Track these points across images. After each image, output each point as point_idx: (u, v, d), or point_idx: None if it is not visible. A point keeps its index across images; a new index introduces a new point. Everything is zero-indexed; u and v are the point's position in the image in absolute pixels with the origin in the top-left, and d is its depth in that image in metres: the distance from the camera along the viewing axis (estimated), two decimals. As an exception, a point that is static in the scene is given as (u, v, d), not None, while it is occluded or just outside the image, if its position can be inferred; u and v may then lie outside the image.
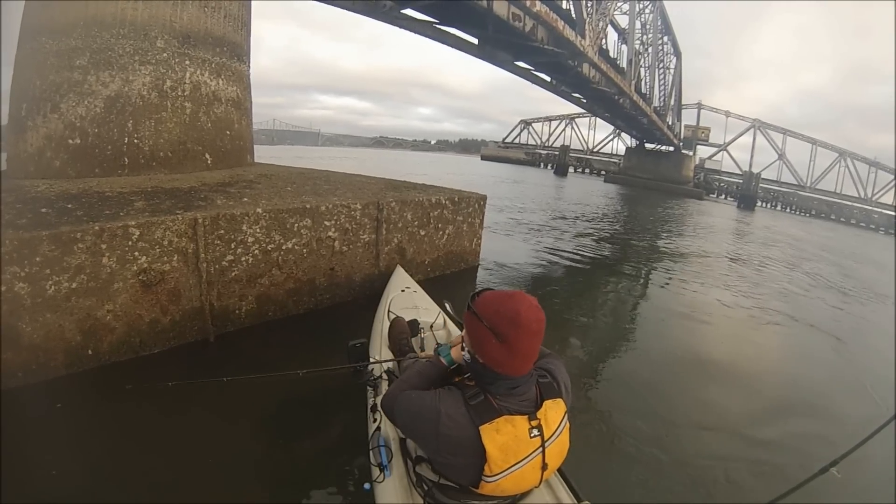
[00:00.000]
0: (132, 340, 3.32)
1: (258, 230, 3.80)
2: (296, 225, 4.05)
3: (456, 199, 5.86)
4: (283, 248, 4.01)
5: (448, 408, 1.45)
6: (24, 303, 2.84)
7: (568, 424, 1.57)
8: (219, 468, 2.50)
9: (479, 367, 1.50)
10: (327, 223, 4.30)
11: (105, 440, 2.58)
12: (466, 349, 1.54)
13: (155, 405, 2.90)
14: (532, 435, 1.45)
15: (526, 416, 1.46)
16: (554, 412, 1.52)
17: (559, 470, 1.77)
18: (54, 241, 2.87)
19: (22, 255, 2.77)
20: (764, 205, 43.33)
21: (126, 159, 4.64)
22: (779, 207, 44.37)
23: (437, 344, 1.82)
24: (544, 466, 1.51)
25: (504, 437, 1.41)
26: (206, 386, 3.03)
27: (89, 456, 2.46)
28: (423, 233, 5.42)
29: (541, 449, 1.48)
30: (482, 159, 64.71)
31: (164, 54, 4.77)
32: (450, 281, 5.80)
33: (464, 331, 1.57)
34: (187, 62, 4.94)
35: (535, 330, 1.43)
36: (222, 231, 3.59)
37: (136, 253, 3.21)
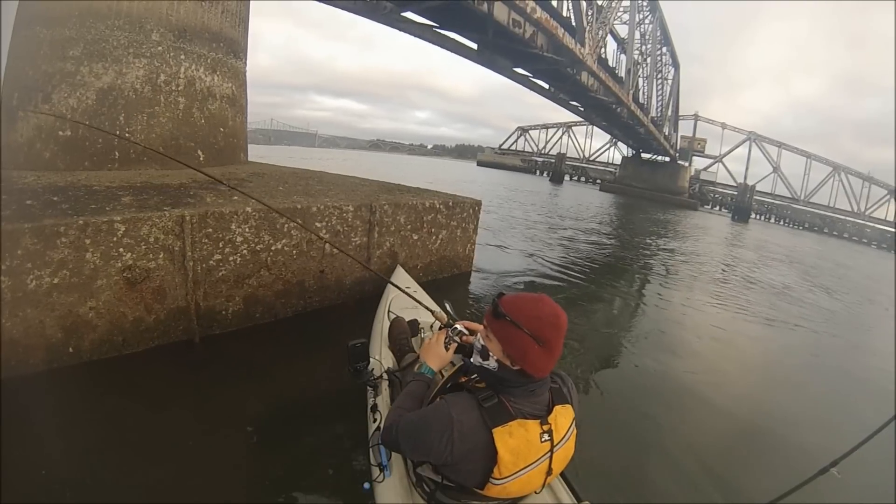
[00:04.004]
0: (115, 339, 3.24)
1: (247, 229, 3.73)
2: (286, 225, 3.99)
3: (450, 203, 5.81)
4: (273, 248, 3.93)
5: (460, 413, 1.43)
6: (5, 297, 2.76)
7: (575, 431, 1.58)
8: (215, 467, 2.46)
9: (510, 373, 1.47)
10: (318, 224, 4.23)
11: (92, 437, 2.52)
12: (494, 357, 1.49)
13: (148, 403, 2.87)
14: (543, 439, 1.46)
15: (538, 421, 1.46)
16: (563, 418, 1.53)
17: None
18: (37, 235, 2.80)
19: (3, 248, 2.70)
20: (758, 217, 43.68)
21: (117, 153, 4.57)
22: (773, 220, 44.73)
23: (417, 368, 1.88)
24: (549, 471, 1.52)
25: (516, 441, 1.41)
26: (201, 383, 3.09)
27: (76, 454, 2.40)
28: (415, 237, 5.36)
29: (549, 454, 1.48)
30: (478, 165, 65.03)
31: (159, 48, 4.71)
32: (443, 284, 5.75)
33: (490, 340, 1.52)
34: (182, 57, 4.88)
35: (565, 331, 1.48)
36: (210, 229, 3.52)
37: (121, 249, 3.13)
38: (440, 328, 2.16)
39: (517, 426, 1.42)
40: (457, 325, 2.01)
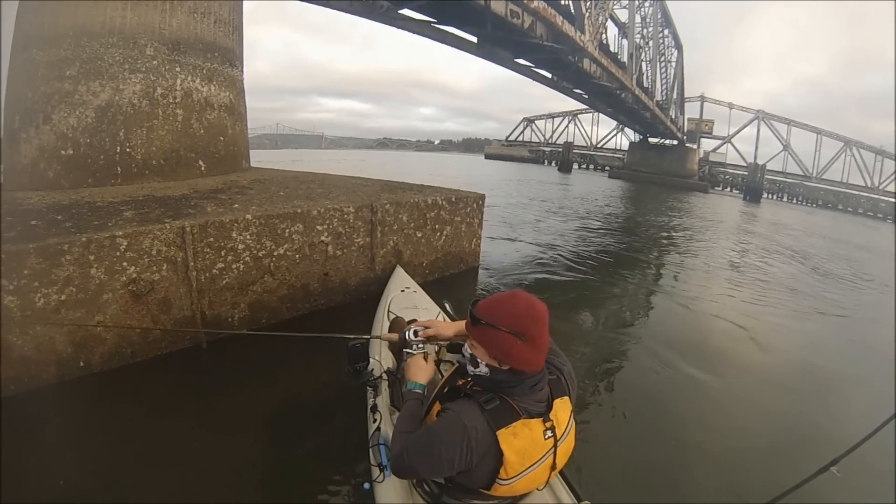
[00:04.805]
0: (123, 351, 3.30)
1: (248, 237, 3.77)
2: (287, 230, 4.02)
3: (453, 199, 5.80)
4: (275, 254, 3.98)
5: (470, 420, 1.41)
6: (14, 316, 2.83)
7: (574, 423, 1.59)
8: (217, 468, 2.51)
9: (503, 374, 1.47)
10: (319, 227, 4.27)
11: (104, 445, 2.59)
12: (483, 363, 1.50)
13: (152, 407, 2.94)
14: (546, 437, 1.46)
15: (541, 419, 1.46)
16: (563, 411, 1.53)
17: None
18: (41, 254, 2.86)
19: (10, 268, 2.76)
20: (770, 196, 43.02)
21: (119, 168, 4.64)
22: (785, 199, 44.04)
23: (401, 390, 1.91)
24: (553, 466, 1.53)
25: (521, 442, 1.41)
26: (207, 388, 3.17)
27: (89, 462, 2.48)
28: (419, 234, 5.37)
29: (553, 449, 1.49)
30: (486, 158, 64.64)
31: (154, 62, 4.77)
32: (449, 283, 5.76)
33: (475, 347, 1.52)
34: (178, 69, 4.94)
35: (546, 320, 1.47)
36: (211, 239, 3.57)
37: (125, 263, 3.19)
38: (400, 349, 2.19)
39: (521, 426, 1.42)
40: (407, 332, 2.05)
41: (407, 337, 2.03)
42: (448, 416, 1.47)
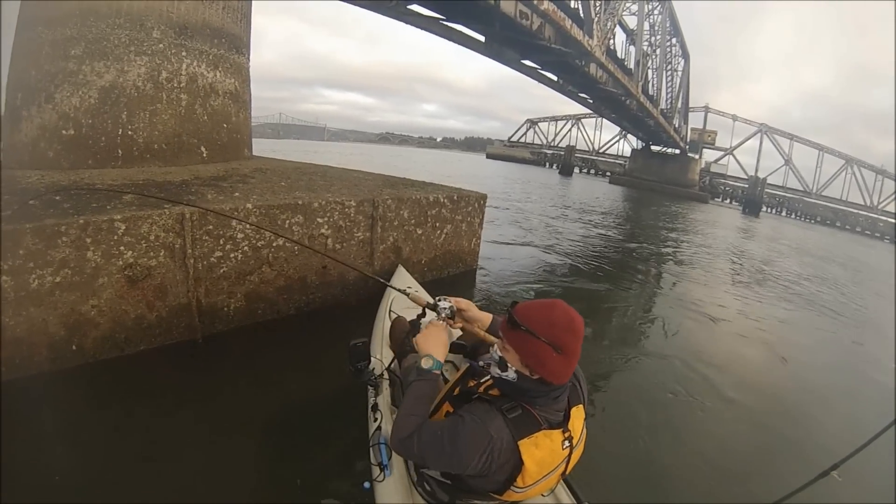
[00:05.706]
0: (117, 336, 3.26)
1: (248, 226, 3.73)
2: (287, 221, 3.99)
3: (455, 197, 5.77)
4: (274, 244, 3.94)
5: (497, 430, 1.38)
6: (8, 296, 2.79)
7: (586, 430, 1.58)
8: (217, 467, 2.48)
9: (530, 383, 1.44)
10: (320, 220, 4.23)
11: (99, 439, 2.56)
12: (513, 368, 1.46)
13: (146, 402, 2.91)
14: (564, 446, 1.46)
15: (560, 429, 1.45)
16: (578, 419, 1.52)
17: None
18: (38, 235, 2.83)
19: (5, 248, 2.73)
20: (769, 210, 43.28)
21: (120, 151, 4.58)
22: (784, 213, 44.24)
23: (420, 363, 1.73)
24: (564, 472, 1.53)
25: (542, 452, 1.40)
26: (204, 383, 3.15)
27: (83, 456, 2.44)
28: (419, 231, 5.34)
29: (567, 457, 1.49)
30: (487, 157, 64.84)
31: (160, 45, 4.70)
32: (447, 283, 5.72)
33: (507, 350, 1.47)
34: (184, 53, 4.87)
35: (582, 334, 1.44)
36: (211, 226, 3.53)
37: (122, 248, 3.15)
38: (421, 314, 2.13)
39: (543, 437, 1.40)
40: (440, 302, 1.88)
41: (437, 303, 1.89)
42: (473, 421, 1.41)
